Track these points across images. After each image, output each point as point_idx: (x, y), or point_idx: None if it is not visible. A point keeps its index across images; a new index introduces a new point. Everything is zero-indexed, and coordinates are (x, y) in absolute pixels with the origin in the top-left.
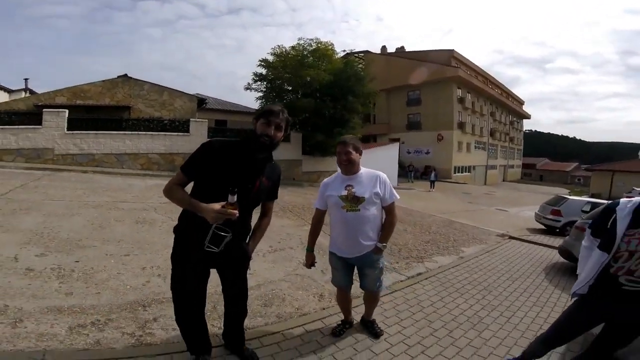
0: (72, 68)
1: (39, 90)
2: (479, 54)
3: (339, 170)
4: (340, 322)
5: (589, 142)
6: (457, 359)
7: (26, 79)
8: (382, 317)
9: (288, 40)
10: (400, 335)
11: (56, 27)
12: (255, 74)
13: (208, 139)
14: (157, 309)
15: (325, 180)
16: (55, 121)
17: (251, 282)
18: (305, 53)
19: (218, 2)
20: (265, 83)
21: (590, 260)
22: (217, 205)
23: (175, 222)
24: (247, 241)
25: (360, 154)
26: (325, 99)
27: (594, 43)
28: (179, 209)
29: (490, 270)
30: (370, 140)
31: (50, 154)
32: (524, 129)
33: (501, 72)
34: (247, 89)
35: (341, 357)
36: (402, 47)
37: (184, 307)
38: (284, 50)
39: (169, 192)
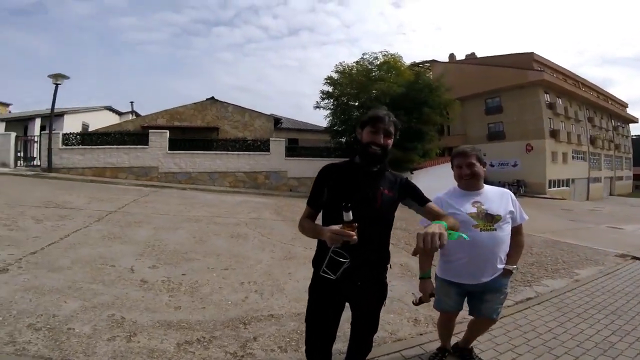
0: (163, 90)
1: (141, 112)
2: (559, 56)
3: (451, 188)
4: (437, 351)
5: None
6: None
7: (132, 102)
8: (492, 343)
9: (344, 56)
10: None
11: (148, 53)
12: (323, 92)
13: (324, 166)
14: (256, 327)
15: (440, 195)
16: (159, 141)
17: None
18: (370, 67)
19: (278, 24)
20: (332, 100)
21: None
22: (335, 226)
23: (265, 238)
24: (385, 272)
25: (485, 167)
26: (397, 113)
27: None
28: (268, 224)
29: (615, 293)
30: (445, 153)
31: (155, 172)
32: (632, 135)
33: (589, 74)
34: (316, 107)
35: None
36: (473, 54)
37: (313, 339)
38: (347, 66)
39: (300, 227)
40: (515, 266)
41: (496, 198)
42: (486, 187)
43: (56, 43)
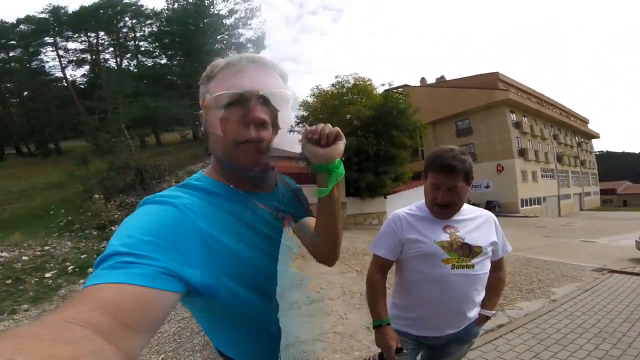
0: None
1: None
2: (522, 73)
3: (418, 203)
4: None
5: None
6: None
7: None
8: None
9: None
10: None
11: None
12: (297, 117)
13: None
14: None
15: (399, 213)
16: None
17: None
18: (343, 90)
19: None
20: (305, 125)
21: None
22: None
23: None
24: None
25: (470, 185)
26: (367, 136)
27: None
28: None
29: (596, 312)
30: (421, 176)
31: None
32: (595, 151)
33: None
34: (290, 131)
35: None
36: (442, 77)
37: None
38: (322, 90)
39: None
40: (494, 312)
41: (477, 223)
42: (463, 207)
43: None
